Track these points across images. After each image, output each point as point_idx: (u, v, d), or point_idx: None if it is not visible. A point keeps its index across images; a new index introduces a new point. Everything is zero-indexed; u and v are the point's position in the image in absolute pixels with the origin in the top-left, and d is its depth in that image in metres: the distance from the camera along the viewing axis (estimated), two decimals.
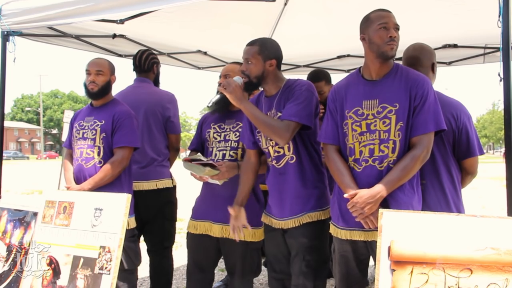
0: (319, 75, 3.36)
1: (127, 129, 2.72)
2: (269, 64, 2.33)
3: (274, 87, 2.38)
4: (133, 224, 2.76)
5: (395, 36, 2.03)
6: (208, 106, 2.36)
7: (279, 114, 2.30)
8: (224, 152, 2.59)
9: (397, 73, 2.06)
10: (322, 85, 3.27)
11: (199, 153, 2.49)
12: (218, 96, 2.36)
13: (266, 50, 2.32)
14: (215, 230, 2.58)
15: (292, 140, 2.28)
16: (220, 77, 2.65)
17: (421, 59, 2.34)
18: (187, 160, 2.44)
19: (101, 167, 2.68)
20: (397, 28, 2.05)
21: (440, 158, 2.27)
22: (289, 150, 2.31)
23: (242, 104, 2.25)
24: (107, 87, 2.79)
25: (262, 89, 2.46)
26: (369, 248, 2.10)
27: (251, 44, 2.37)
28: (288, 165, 2.32)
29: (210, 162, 2.43)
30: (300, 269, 2.27)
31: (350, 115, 2.10)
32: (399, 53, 2.20)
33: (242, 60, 2.37)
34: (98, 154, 2.71)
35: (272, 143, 2.33)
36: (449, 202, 2.27)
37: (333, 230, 2.20)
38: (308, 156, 2.33)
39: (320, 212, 2.31)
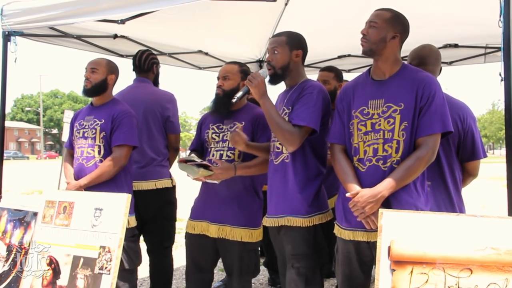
0: (331, 68, 3.43)
1: (126, 128, 2.73)
2: (295, 55, 2.31)
3: (292, 81, 2.36)
4: (133, 223, 2.76)
5: (363, 33, 2.05)
6: (232, 102, 2.33)
7: (285, 110, 2.28)
8: (222, 152, 2.58)
9: (405, 73, 2.03)
10: (331, 77, 3.31)
11: (192, 154, 2.49)
12: (242, 91, 2.32)
13: (293, 40, 2.31)
14: (212, 230, 2.57)
15: None
16: (218, 78, 2.63)
17: (436, 59, 2.37)
18: (182, 161, 2.45)
19: None
20: (371, 25, 2.04)
21: (445, 159, 2.27)
22: (286, 149, 2.28)
23: (262, 99, 2.22)
24: (101, 85, 2.79)
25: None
26: (373, 249, 2.06)
27: (277, 35, 2.37)
28: (283, 164, 2.29)
29: (204, 163, 2.43)
30: (290, 276, 2.24)
31: (356, 115, 2.08)
32: (403, 52, 2.18)
33: (268, 52, 2.35)
34: (99, 153, 2.72)
35: (276, 138, 2.30)
36: (453, 204, 2.28)
37: (337, 230, 2.18)
38: (303, 158, 2.27)
39: (302, 219, 2.23)
